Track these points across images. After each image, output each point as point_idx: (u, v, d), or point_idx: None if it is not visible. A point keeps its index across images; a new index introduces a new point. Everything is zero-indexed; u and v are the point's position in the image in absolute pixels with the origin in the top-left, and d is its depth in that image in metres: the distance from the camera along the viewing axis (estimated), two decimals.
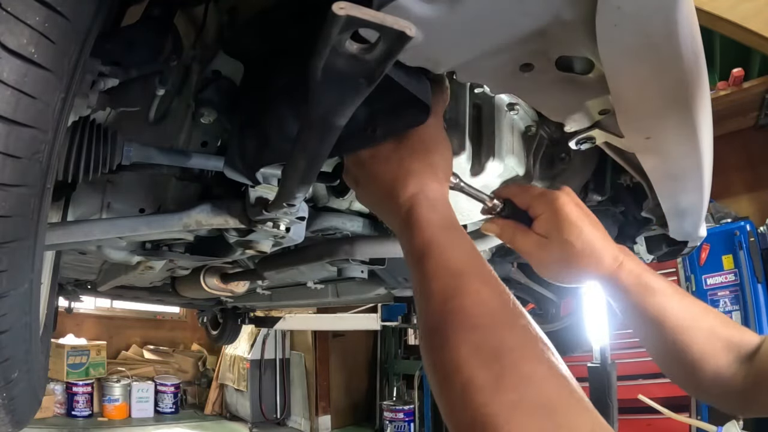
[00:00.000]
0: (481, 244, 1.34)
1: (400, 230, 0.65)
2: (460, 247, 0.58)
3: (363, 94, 0.56)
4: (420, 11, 0.56)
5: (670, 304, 0.76)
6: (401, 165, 0.68)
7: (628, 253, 0.80)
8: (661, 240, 1.43)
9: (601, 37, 0.60)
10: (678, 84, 0.66)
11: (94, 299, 3.62)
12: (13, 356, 0.70)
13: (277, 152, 0.86)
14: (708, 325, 0.76)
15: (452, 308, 0.51)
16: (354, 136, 0.77)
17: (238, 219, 1.02)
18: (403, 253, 0.63)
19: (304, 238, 1.13)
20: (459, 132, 0.93)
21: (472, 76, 0.72)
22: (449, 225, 0.62)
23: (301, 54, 0.58)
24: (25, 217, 0.59)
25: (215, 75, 0.97)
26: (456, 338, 0.48)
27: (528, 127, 1.12)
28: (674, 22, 0.56)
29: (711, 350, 0.75)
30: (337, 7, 0.43)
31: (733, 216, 3.50)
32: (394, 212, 0.65)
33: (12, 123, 0.51)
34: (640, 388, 3.26)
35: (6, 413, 0.77)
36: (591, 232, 0.76)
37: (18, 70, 0.50)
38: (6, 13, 0.48)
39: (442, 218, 0.62)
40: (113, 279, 1.80)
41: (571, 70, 0.70)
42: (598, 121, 0.85)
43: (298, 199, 0.89)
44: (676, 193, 1.01)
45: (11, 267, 0.59)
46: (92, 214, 1.13)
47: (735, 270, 3.23)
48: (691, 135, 0.78)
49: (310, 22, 0.58)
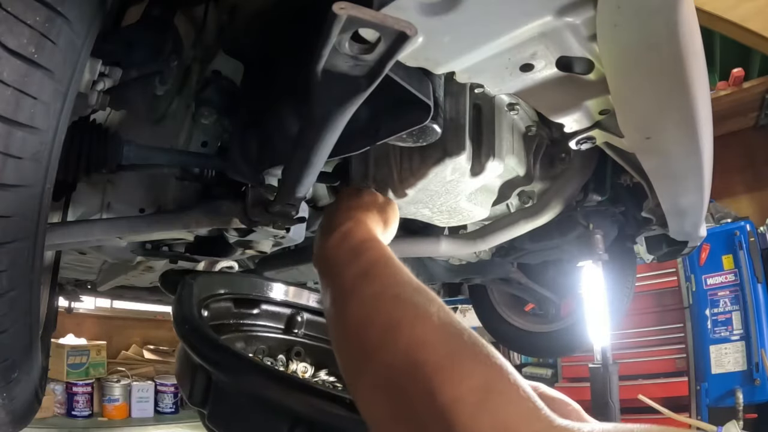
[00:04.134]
0: (481, 245, 1.34)
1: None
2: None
3: (363, 94, 0.56)
4: (420, 11, 0.56)
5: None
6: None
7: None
8: (661, 240, 1.43)
9: (601, 37, 0.60)
10: (678, 84, 0.66)
11: (94, 299, 3.62)
12: (13, 356, 0.70)
13: (280, 153, 0.86)
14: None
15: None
16: (355, 136, 0.77)
17: (238, 219, 1.02)
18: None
19: (304, 238, 1.13)
20: (459, 132, 0.93)
21: (472, 76, 0.72)
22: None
23: (302, 54, 0.58)
24: (25, 217, 0.59)
25: (215, 75, 0.97)
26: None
27: (528, 127, 1.12)
28: (674, 22, 0.56)
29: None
30: (338, 7, 0.43)
31: (733, 216, 3.49)
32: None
33: (12, 123, 0.51)
34: (640, 388, 3.26)
35: (6, 413, 0.77)
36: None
37: (18, 70, 0.50)
38: (6, 13, 0.48)
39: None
40: (113, 279, 1.80)
41: (571, 70, 0.70)
42: (598, 121, 0.85)
43: (299, 200, 0.89)
44: (676, 193, 1.01)
45: (11, 267, 0.59)
46: (92, 214, 1.13)
47: (735, 270, 3.22)
48: (691, 135, 0.78)
49: (310, 22, 0.59)
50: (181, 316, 0.69)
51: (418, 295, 0.49)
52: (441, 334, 0.44)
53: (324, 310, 0.59)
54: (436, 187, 1.02)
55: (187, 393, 0.66)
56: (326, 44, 0.47)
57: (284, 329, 1.00)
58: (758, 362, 3.02)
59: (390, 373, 0.43)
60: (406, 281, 0.52)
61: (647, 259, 1.56)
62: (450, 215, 1.15)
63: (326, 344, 1.04)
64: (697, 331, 3.33)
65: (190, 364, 0.66)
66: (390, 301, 0.49)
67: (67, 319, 3.58)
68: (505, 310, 2.39)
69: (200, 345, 0.64)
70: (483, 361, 0.41)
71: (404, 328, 0.45)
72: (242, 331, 0.92)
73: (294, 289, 1.02)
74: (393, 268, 0.55)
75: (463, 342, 0.43)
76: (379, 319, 0.48)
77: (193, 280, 0.80)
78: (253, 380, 0.59)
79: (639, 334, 3.53)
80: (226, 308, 0.90)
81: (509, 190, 1.20)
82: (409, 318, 0.46)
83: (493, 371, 0.40)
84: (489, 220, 1.33)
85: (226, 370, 0.62)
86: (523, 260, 1.74)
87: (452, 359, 0.41)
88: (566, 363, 3.70)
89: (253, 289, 0.96)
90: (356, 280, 0.54)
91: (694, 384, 3.29)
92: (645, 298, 3.50)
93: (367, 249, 0.60)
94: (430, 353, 0.42)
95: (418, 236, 1.36)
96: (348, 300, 0.53)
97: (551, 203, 1.23)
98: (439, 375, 0.40)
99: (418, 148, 0.97)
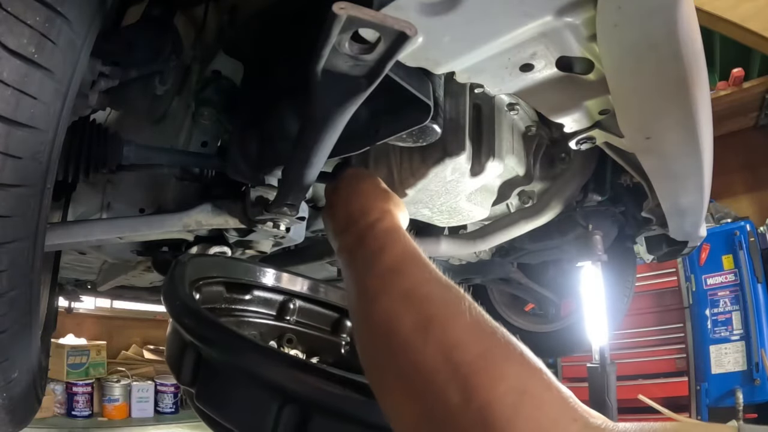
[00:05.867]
0: (481, 245, 1.34)
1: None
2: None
3: (363, 94, 0.56)
4: (420, 11, 0.56)
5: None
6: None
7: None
8: (661, 240, 1.43)
9: (601, 37, 0.60)
10: (678, 84, 0.66)
11: (94, 299, 3.62)
12: (13, 356, 0.70)
13: (280, 153, 0.86)
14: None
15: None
16: (355, 136, 0.77)
17: (238, 219, 1.02)
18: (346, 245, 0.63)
19: (304, 238, 1.13)
20: (459, 132, 0.93)
21: (472, 76, 0.72)
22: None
23: (302, 54, 0.58)
24: (25, 217, 0.59)
25: (215, 75, 0.97)
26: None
27: (528, 127, 1.12)
28: (674, 22, 0.56)
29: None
30: (338, 7, 0.43)
31: (733, 216, 3.49)
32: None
33: (12, 123, 0.51)
34: (640, 388, 3.26)
35: (6, 413, 0.77)
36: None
37: (18, 70, 0.50)
38: (6, 13, 0.48)
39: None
40: (113, 279, 1.80)
41: (571, 70, 0.70)
42: (598, 121, 0.85)
43: (299, 200, 0.89)
44: (676, 193, 1.01)
45: (11, 267, 0.59)
46: (92, 214, 1.13)
47: (735, 270, 3.23)
48: (691, 135, 0.78)
49: (310, 22, 0.59)
50: (172, 292, 0.68)
51: (448, 292, 0.48)
52: (474, 334, 0.43)
53: (348, 305, 0.58)
54: (436, 187, 1.02)
55: (176, 372, 0.64)
56: (326, 44, 0.47)
57: (276, 316, 0.98)
58: (758, 362, 3.02)
59: (420, 374, 0.42)
60: (435, 278, 0.50)
61: (647, 259, 1.56)
62: (450, 215, 1.15)
63: (318, 332, 1.03)
64: (697, 331, 3.33)
65: (179, 342, 0.64)
66: (420, 300, 0.48)
67: (67, 319, 3.58)
68: (505, 310, 2.39)
69: (190, 321, 0.62)
70: (517, 360, 0.41)
71: (436, 327, 0.44)
72: (234, 316, 0.91)
73: (287, 276, 1.01)
74: (421, 263, 0.53)
75: (496, 341, 0.42)
76: (408, 319, 0.46)
77: (185, 260, 0.78)
78: (244, 356, 0.58)
79: (639, 334, 3.54)
80: (218, 292, 0.88)
81: (509, 190, 1.20)
82: (440, 317, 0.45)
83: (528, 371, 0.40)
84: (489, 220, 1.33)
85: (216, 346, 0.60)
86: (523, 260, 1.74)
87: (486, 360, 0.40)
88: (566, 363, 3.70)
89: (246, 274, 0.94)
90: (384, 276, 0.52)
91: (694, 384, 3.29)
92: (645, 298, 3.51)
93: (393, 241, 0.57)
94: (464, 353, 0.41)
95: (418, 236, 1.36)
96: (376, 297, 0.51)
97: (551, 203, 1.23)
98: (474, 377, 0.39)
99: (418, 148, 0.97)
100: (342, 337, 1.04)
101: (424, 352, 0.43)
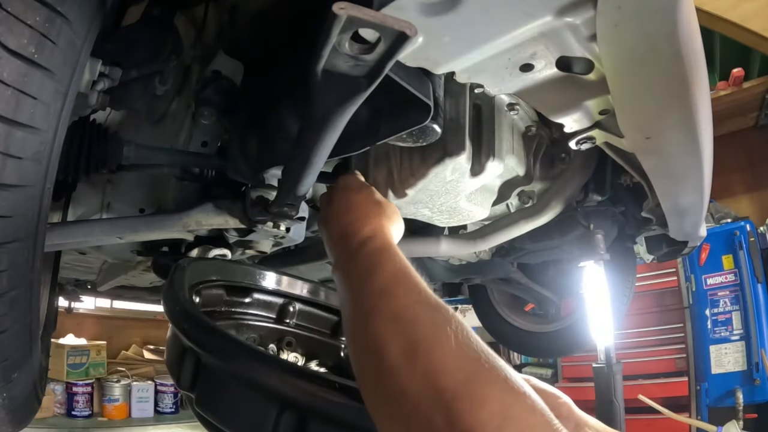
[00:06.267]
0: (481, 245, 1.34)
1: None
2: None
3: (363, 94, 0.56)
4: (420, 11, 0.56)
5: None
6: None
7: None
8: (661, 240, 1.43)
9: (601, 37, 0.60)
10: (678, 84, 0.66)
11: (94, 299, 3.61)
12: (13, 356, 0.70)
13: (280, 153, 0.86)
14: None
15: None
16: (355, 136, 0.77)
17: (239, 219, 1.02)
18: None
19: (304, 238, 1.13)
20: (459, 132, 0.93)
21: (471, 76, 0.72)
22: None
23: (302, 54, 0.58)
24: (25, 217, 0.59)
25: (215, 75, 0.97)
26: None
27: (528, 127, 1.12)
28: (674, 22, 0.56)
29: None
30: (338, 7, 0.43)
31: (733, 216, 3.49)
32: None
33: (12, 123, 0.51)
34: (640, 388, 3.26)
35: (6, 413, 0.77)
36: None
37: (18, 70, 0.50)
38: (6, 13, 0.48)
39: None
40: (113, 279, 1.80)
41: (571, 70, 0.70)
42: (598, 121, 0.85)
43: (299, 200, 0.89)
44: (676, 193, 1.01)
45: (11, 267, 0.59)
46: (92, 214, 1.13)
47: (735, 270, 3.22)
48: (691, 135, 0.78)
49: (310, 22, 0.59)
50: (172, 297, 0.68)
51: (436, 314, 0.49)
52: (458, 359, 0.44)
53: (342, 321, 0.59)
54: (436, 187, 1.02)
55: (176, 377, 0.65)
56: (326, 44, 0.47)
57: (276, 319, 0.98)
58: (758, 362, 3.02)
59: (407, 399, 0.43)
60: (424, 299, 0.52)
61: (647, 259, 1.57)
62: (450, 215, 1.15)
63: (318, 335, 1.03)
64: (697, 331, 3.33)
65: (179, 348, 0.64)
66: (408, 323, 0.49)
67: (67, 319, 3.58)
68: (505, 310, 2.39)
69: (190, 327, 0.63)
70: (501, 385, 0.41)
71: (421, 353, 0.45)
72: (233, 319, 0.91)
73: (287, 279, 1.01)
74: (411, 284, 0.54)
75: (480, 366, 0.43)
76: (397, 343, 0.47)
77: (185, 264, 0.78)
78: (243, 363, 0.58)
79: (639, 334, 3.53)
80: (218, 295, 0.88)
81: (509, 190, 1.20)
82: (427, 342, 0.46)
83: (511, 395, 0.41)
84: (489, 220, 1.33)
85: (216, 352, 0.60)
86: (523, 260, 1.74)
87: (469, 385, 0.41)
88: (566, 363, 3.70)
89: (245, 277, 0.94)
90: (375, 297, 0.54)
91: (694, 384, 3.29)
92: (645, 298, 3.50)
93: (384, 261, 0.59)
94: (448, 380, 0.42)
95: (418, 236, 1.36)
96: (367, 319, 0.52)
97: (551, 203, 1.23)
98: (458, 403, 0.40)
99: (418, 148, 0.97)
100: (341, 340, 1.04)
101: (410, 378, 0.44)
